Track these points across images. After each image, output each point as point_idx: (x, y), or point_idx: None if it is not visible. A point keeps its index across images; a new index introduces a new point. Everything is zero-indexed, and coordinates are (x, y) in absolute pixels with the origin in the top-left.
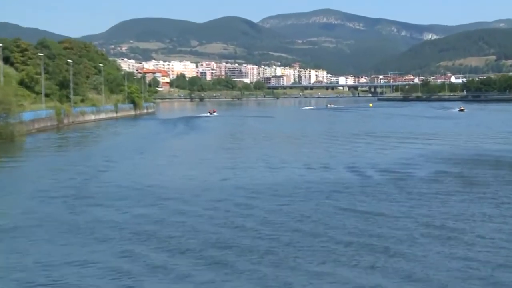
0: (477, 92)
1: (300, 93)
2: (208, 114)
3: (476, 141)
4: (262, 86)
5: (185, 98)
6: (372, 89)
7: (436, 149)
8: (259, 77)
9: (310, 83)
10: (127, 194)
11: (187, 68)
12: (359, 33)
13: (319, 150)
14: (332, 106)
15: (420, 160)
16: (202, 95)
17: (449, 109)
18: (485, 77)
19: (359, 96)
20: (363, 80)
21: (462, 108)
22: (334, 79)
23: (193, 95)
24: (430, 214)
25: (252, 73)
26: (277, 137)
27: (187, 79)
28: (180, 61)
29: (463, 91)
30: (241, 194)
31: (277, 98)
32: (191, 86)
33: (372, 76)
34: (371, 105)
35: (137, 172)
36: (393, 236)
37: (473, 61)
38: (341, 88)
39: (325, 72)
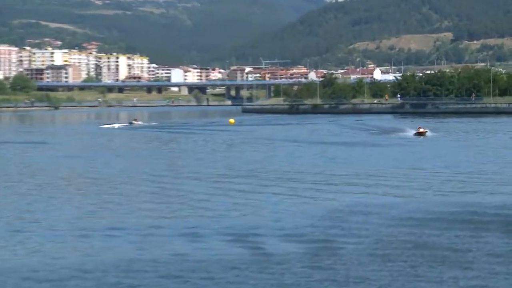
0: (421, 97)
1: (100, 99)
2: None
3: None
4: (27, 85)
5: None
6: (233, 92)
7: (384, 201)
8: (21, 69)
9: (118, 80)
10: None
11: None
12: None
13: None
14: (140, 123)
15: (355, 220)
16: None
17: (391, 134)
18: (434, 72)
19: (208, 105)
20: (216, 75)
21: (421, 130)
22: (162, 72)
23: None
24: None
25: (8, 60)
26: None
27: None
28: None
29: (395, 95)
30: None
31: (56, 108)
32: None
33: (233, 68)
34: (232, 121)
35: None
36: None
37: (413, 42)
38: (175, 89)
39: (146, 61)
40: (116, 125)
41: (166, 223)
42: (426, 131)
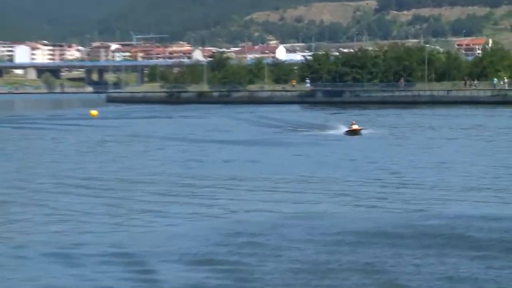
0: (337, 83)
1: None
2: None
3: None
4: None
5: None
6: (95, 76)
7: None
8: None
9: None
10: None
11: None
12: None
13: None
14: None
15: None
16: None
17: (311, 131)
18: (354, 50)
19: (62, 93)
20: (73, 54)
21: (355, 127)
22: (4, 50)
23: None
24: None
25: None
26: None
27: None
28: None
29: (304, 80)
30: None
31: None
32: None
33: (95, 44)
34: (95, 113)
35: None
36: None
37: (326, 12)
38: (19, 72)
39: None
40: None
41: (33, 243)
42: (361, 129)
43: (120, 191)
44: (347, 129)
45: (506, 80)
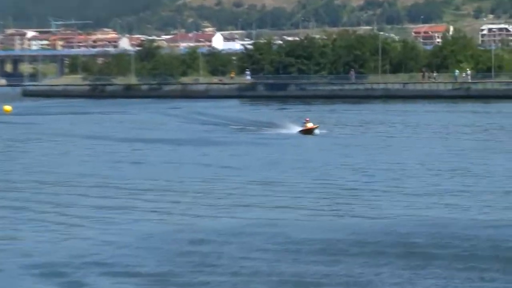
0: (280, 75)
1: None
2: None
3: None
4: None
5: None
6: (8, 67)
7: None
8: None
9: None
10: None
11: None
12: None
13: None
14: None
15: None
16: None
17: (259, 130)
18: (299, 38)
19: None
20: None
21: (309, 125)
22: None
23: None
24: None
25: None
26: None
27: None
28: None
29: (244, 72)
30: None
31: None
32: None
33: (9, 31)
34: (8, 108)
35: None
36: None
37: None
38: None
39: None
40: None
41: None
42: (317, 127)
43: (32, 193)
44: (301, 128)
45: (468, 72)
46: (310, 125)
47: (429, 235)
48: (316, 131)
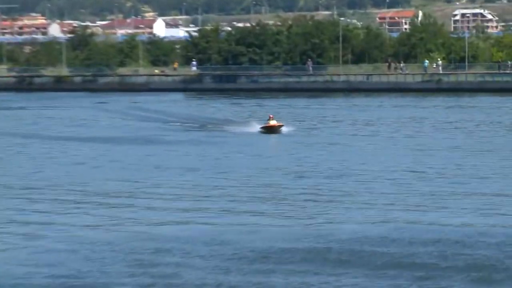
0: (230, 66)
1: None
2: None
3: None
4: None
5: None
6: None
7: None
8: None
9: None
10: None
11: None
12: None
13: None
14: None
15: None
16: None
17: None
18: (251, 25)
19: None
20: None
21: (272, 123)
22: None
23: None
24: None
25: None
26: None
27: None
28: None
29: (189, 62)
30: None
31: None
32: None
33: None
34: None
35: None
36: None
37: None
38: None
39: None
40: None
41: None
42: (282, 125)
43: None
44: (262, 125)
45: (439, 63)
46: (273, 122)
47: (381, 241)
48: (283, 129)
